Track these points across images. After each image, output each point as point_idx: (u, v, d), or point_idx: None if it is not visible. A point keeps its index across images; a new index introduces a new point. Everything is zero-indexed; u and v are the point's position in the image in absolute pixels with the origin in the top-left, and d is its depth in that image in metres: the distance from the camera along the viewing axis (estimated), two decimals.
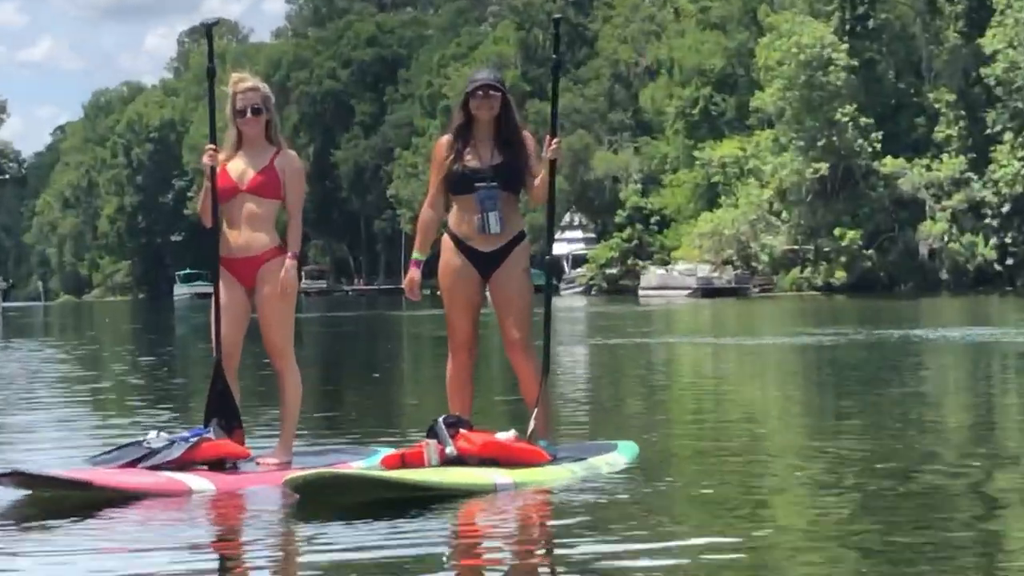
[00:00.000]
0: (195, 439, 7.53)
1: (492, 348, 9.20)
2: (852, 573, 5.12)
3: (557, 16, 9.25)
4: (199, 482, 7.35)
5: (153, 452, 7.41)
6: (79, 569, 5.52)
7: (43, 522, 6.54)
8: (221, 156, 7.85)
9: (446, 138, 8.02)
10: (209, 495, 7.25)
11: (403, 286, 8.61)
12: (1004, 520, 6.01)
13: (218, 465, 7.59)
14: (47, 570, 5.66)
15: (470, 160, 7.74)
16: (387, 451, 7.94)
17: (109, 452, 7.71)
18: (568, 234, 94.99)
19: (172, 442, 7.48)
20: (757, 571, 4.91)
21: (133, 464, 7.39)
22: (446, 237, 8.01)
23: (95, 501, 6.83)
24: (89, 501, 6.80)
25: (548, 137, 7.85)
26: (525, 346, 7.93)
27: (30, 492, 7.13)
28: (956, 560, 4.86)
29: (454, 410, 7.74)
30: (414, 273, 8.25)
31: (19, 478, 7.02)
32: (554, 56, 8.92)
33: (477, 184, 7.69)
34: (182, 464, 7.41)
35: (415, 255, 8.15)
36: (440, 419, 7.34)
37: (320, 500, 6.83)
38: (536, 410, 7.78)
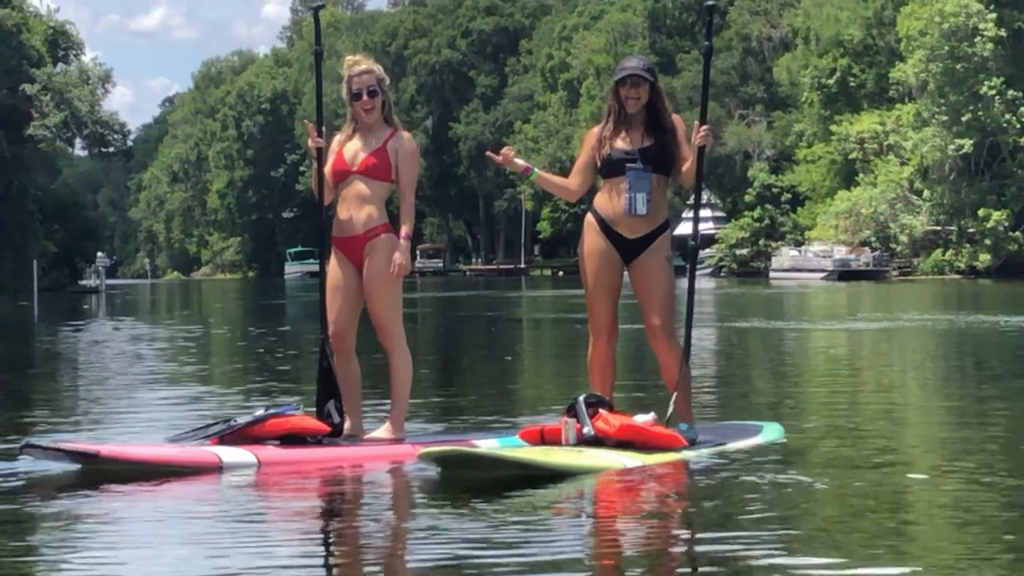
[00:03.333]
0: (266, 415, 7.69)
1: (633, 333, 8.78)
2: None
3: (711, 3, 8.69)
4: (240, 455, 7.41)
5: (229, 427, 7.61)
6: (96, 542, 5.65)
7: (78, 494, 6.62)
8: (338, 137, 8.01)
9: (598, 127, 8.07)
10: (250, 468, 7.30)
11: (499, 157, 8.24)
12: None
13: (294, 440, 7.66)
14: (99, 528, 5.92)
15: (621, 144, 7.75)
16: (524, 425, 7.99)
17: (194, 429, 7.91)
18: (700, 213, 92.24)
19: (253, 421, 7.63)
20: None
21: (208, 439, 7.60)
22: (590, 217, 7.97)
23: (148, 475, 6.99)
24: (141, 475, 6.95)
25: (697, 124, 7.84)
26: (668, 333, 7.90)
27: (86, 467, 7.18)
28: None
29: (595, 391, 7.72)
30: (522, 162, 8.17)
31: (34, 450, 7.29)
32: (707, 43, 8.70)
33: (629, 165, 7.66)
34: (248, 437, 7.55)
35: (535, 168, 8.24)
36: (580, 398, 7.36)
37: (455, 475, 6.90)
38: (676, 394, 7.72)
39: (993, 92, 66.24)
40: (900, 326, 23.67)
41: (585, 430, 7.13)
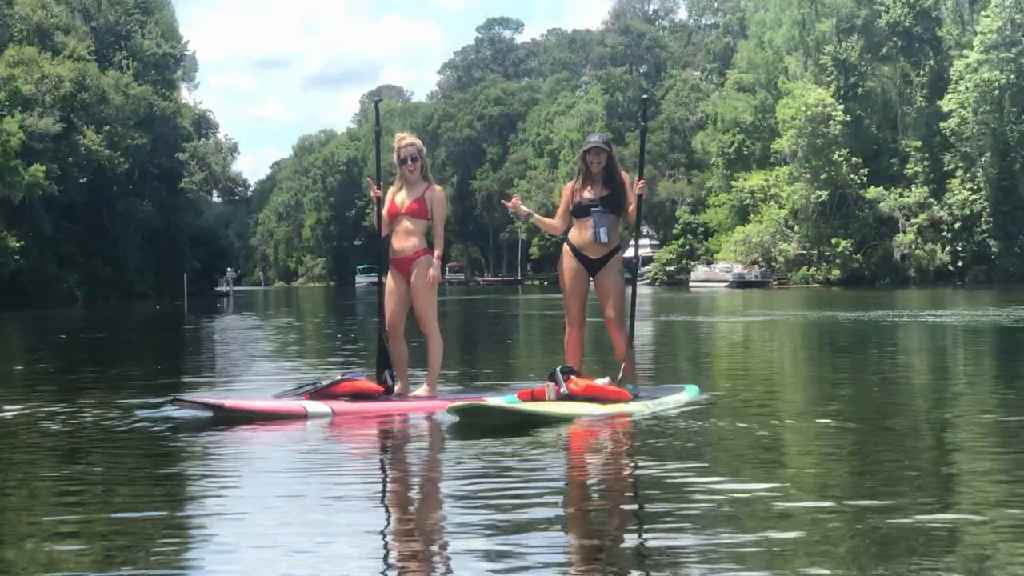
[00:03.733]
0: (340, 379, 7.51)
1: (597, 324, 8.42)
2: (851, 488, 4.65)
3: (644, 96, 8.80)
4: (319, 407, 7.22)
5: (315, 387, 7.43)
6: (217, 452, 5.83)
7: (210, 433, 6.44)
8: (391, 189, 7.83)
9: (571, 182, 7.88)
10: (326, 416, 7.13)
11: (511, 204, 8.09)
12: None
13: (359, 397, 7.49)
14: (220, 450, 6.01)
15: (587, 194, 7.59)
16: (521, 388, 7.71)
17: (292, 389, 7.72)
18: (640, 241, 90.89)
19: (332, 381, 7.47)
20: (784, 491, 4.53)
21: (301, 395, 7.40)
22: (566, 247, 7.80)
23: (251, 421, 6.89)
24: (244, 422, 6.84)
25: (638, 180, 7.73)
26: (619, 322, 7.82)
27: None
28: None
29: (569, 364, 7.59)
30: (526, 209, 8.15)
31: (180, 402, 7.19)
32: (643, 124, 8.66)
33: (592, 209, 7.52)
34: (328, 395, 7.38)
35: (534, 213, 8.17)
36: (558, 369, 7.27)
37: (471, 423, 6.70)
38: (624, 364, 7.62)
39: (841, 159, 65.38)
40: (777, 319, 23.30)
41: (561, 390, 7.03)
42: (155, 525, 4.20)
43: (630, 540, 3.95)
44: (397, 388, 7.82)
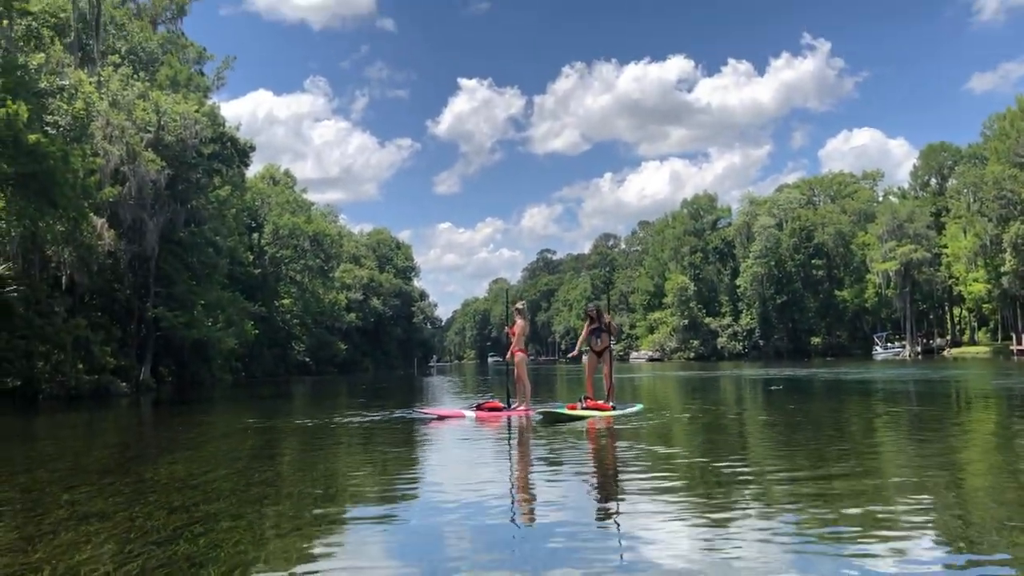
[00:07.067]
0: (484, 403, 11.06)
1: (601, 380, 11.51)
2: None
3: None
4: (470, 415, 10.60)
5: (477, 407, 10.93)
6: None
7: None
8: (519, 321, 11.22)
9: (585, 323, 11.59)
10: (472, 418, 10.35)
11: (572, 355, 12.56)
12: None
13: (493, 410, 10.99)
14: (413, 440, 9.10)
15: (594, 328, 11.59)
16: (566, 404, 11.32)
17: (471, 407, 11.05)
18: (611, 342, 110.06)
19: (478, 405, 10.84)
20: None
21: (473, 410, 10.87)
22: (589, 349, 11.68)
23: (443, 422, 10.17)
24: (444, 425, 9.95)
25: (608, 320, 11.76)
26: (609, 374, 11.45)
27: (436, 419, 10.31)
28: None
29: (588, 392, 11.50)
30: (577, 352, 12.30)
31: (408, 411, 9.69)
32: (607, 300, 15.12)
33: (600, 334, 11.51)
34: (482, 408, 10.86)
35: (577, 348, 12.22)
36: (582, 396, 10.96)
37: (548, 422, 9.91)
38: (608, 393, 11.49)
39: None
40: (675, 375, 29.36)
41: (581, 405, 10.73)
42: (419, 464, 7.58)
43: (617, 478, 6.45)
44: (514, 404, 11.25)
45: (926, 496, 5.71)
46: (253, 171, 61.02)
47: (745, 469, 6.98)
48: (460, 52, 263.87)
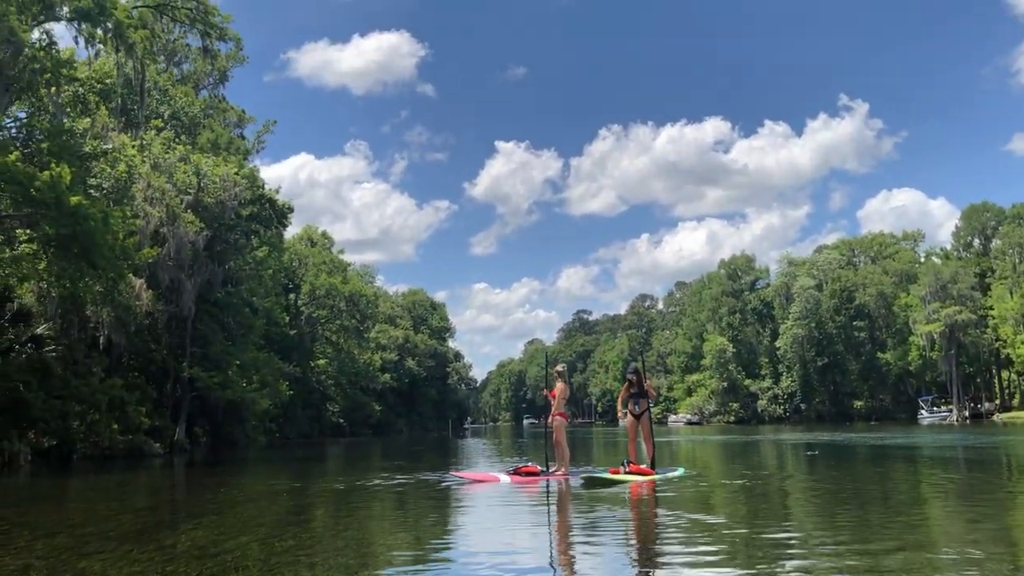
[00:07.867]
0: (521, 467, 11.16)
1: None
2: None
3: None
4: (505, 479, 10.74)
5: (514, 471, 11.13)
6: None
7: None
8: (556, 392, 11.47)
9: (624, 385, 11.87)
10: (507, 483, 10.42)
11: (619, 416, 11.96)
12: None
13: (527, 474, 11.14)
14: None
15: (634, 392, 11.69)
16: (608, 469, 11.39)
17: (507, 471, 11.32)
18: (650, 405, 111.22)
19: (514, 469, 11.14)
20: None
21: (508, 474, 11.05)
22: (628, 412, 12.03)
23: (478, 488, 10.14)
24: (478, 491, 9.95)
25: (648, 385, 12.02)
26: (649, 437, 11.79)
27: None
28: None
29: (631, 457, 11.54)
30: (621, 414, 12.26)
31: (448, 475, 10.32)
32: (641, 359, 15.57)
33: (639, 399, 11.78)
34: (517, 472, 11.11)
35: (620, 411, 12.31)
36: (624, 459, 11.14)
37: (589, 486, 10.01)
38: (650, 458, 11.79)
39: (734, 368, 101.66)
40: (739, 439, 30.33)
41: (623, 469, 10.83)
42: (447, 523, 8.06)
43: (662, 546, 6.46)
44: (552, 468, 11.59)
45: (976, 571, 5.58)
46: (292, 232, 61.64)
47: (788, 538, 6.96)
48: (498, 115, 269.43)
